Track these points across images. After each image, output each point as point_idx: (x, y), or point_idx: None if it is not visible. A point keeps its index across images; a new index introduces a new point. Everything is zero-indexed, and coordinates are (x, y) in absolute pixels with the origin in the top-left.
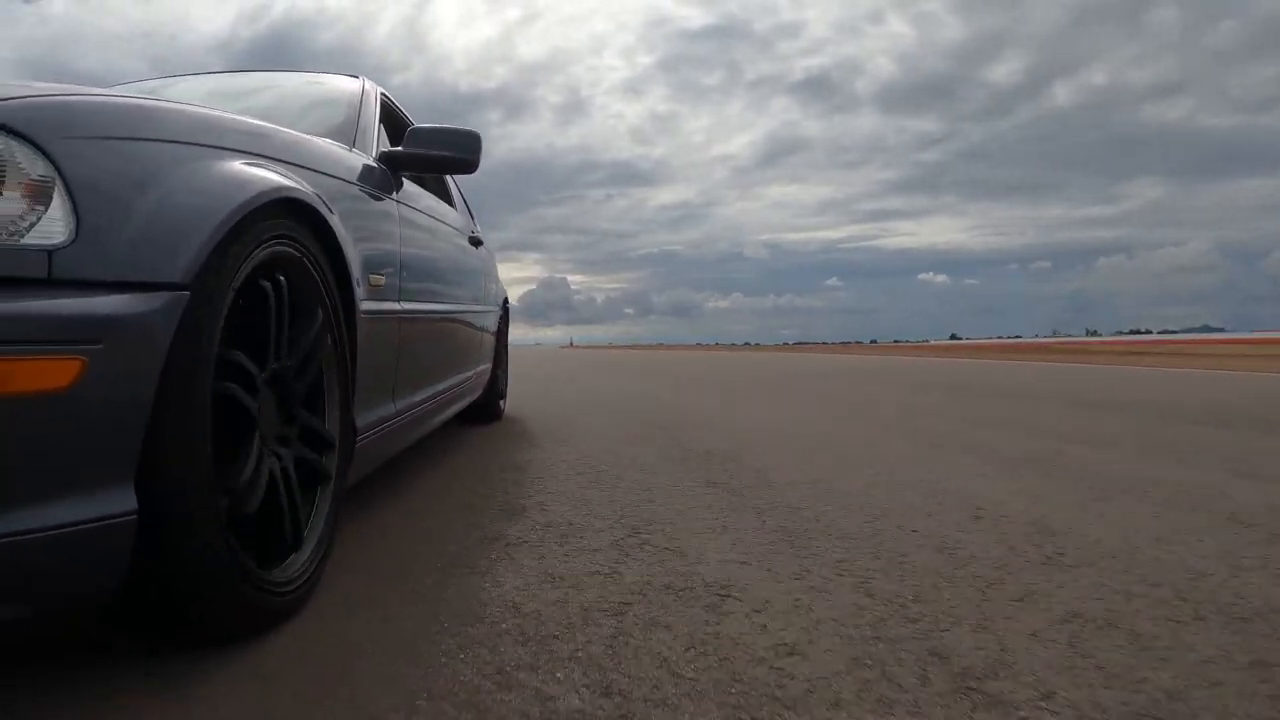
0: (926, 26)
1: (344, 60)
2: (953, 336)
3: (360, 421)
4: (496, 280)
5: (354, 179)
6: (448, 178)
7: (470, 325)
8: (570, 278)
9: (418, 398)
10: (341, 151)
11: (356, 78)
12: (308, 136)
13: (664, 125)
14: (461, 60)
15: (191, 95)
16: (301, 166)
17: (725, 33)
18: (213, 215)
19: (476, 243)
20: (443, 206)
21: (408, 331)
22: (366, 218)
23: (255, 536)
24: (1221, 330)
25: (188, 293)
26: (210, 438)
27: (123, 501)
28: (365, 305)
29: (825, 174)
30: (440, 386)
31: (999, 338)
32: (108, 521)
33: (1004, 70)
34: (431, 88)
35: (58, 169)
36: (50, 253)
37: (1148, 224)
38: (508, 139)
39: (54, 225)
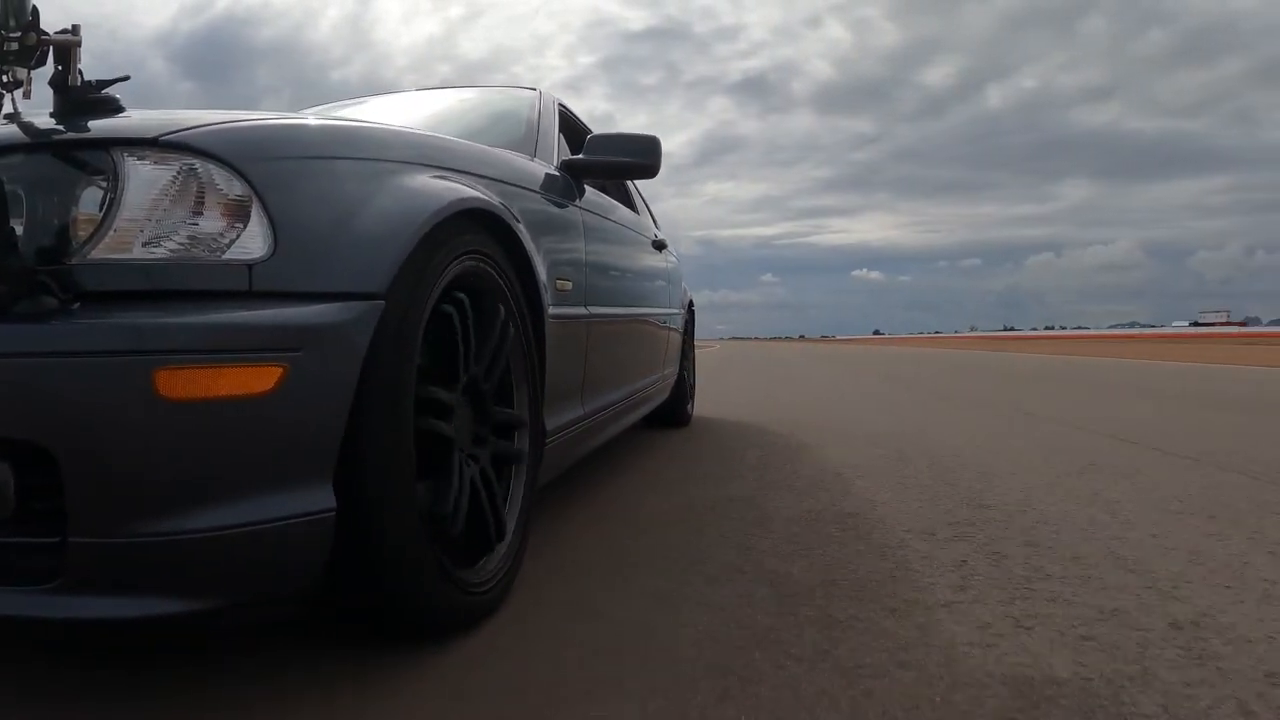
0: (863, 31)
1: (286, 55)
2: (875, 332)
3: (550, 424)
4: (681, 283)
5: (537, 188)
6: (629, 183)
7: (655, 328)
8: None
9: (605, 400)
10: (524, 161)
11: (534, 89)
12: (491, 149)
13: (604, 123)
14: (404, 57)
15: (375, 115)
16: (486, 178)
17: (665, 35)
18: (404, 227)
19: (660, 246)
20: (625, 211)
21: (595, 335)
22: (551, 225)
23: (454, 537)
24: (1151, 327)
25: (383, 302)
26: (410, 441)
27: (322, 499)
28: (553, 310)
29: (761, 172)
30: (627, 389)
31: (922, 333)
32: (307, 518)
33: (938, 74)
34: (372, 85)
35: (254, 188)
36: (250, 266)
37: (1076, 223)
38: None
39: (253, 241)
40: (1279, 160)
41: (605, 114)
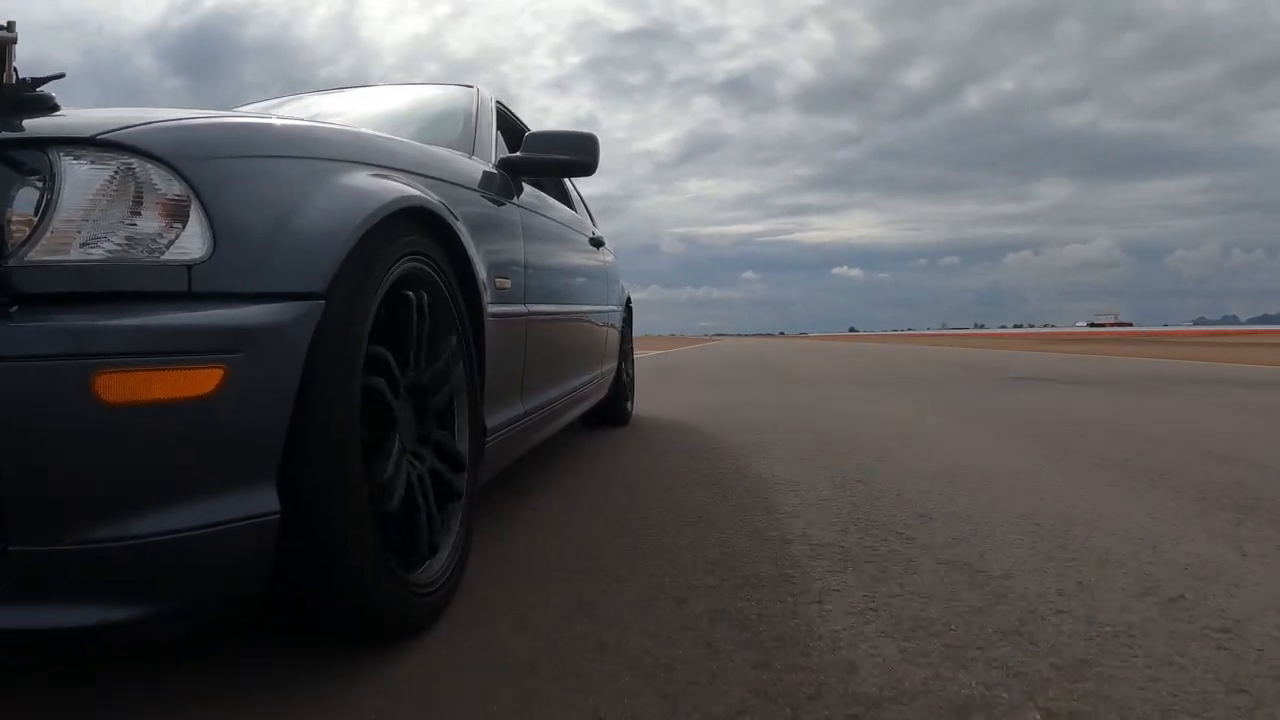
0: (845, 34)
1: (272, 53)
2: (851, 329)
3: (490, 422)
4: (619, 280)
5: (475, 186)
6: (566, 181)
7: (594, 325)
8: None
9: (545, 398)
10: (462, 160)
11: (471, 87)
12: (429, 147)
13: (588, 122)
14: (391, 55)
15: (311, 113)
16: (425, 176)
17: (651, 35)
18: (343, 227)
19: (598, 243)
20: (563, 209)
21: (534, 333)
22: (490, 223)
23: (397, 539)
24: (1129, 325)
25: (323, 302)
26: (357, 442)
27: (266, 502)
28: (492, 309)
29: (743, 170)
30: (566, 386)
31: (895, 331)
32: (252, 521)
33: (918, 75)
34: (360, 82)
35: (192, 188)
36: (189, 267)
37: (1055, 222)
38: None
39: (192, 241)
40: (1254, 161)
41: (590, 113)
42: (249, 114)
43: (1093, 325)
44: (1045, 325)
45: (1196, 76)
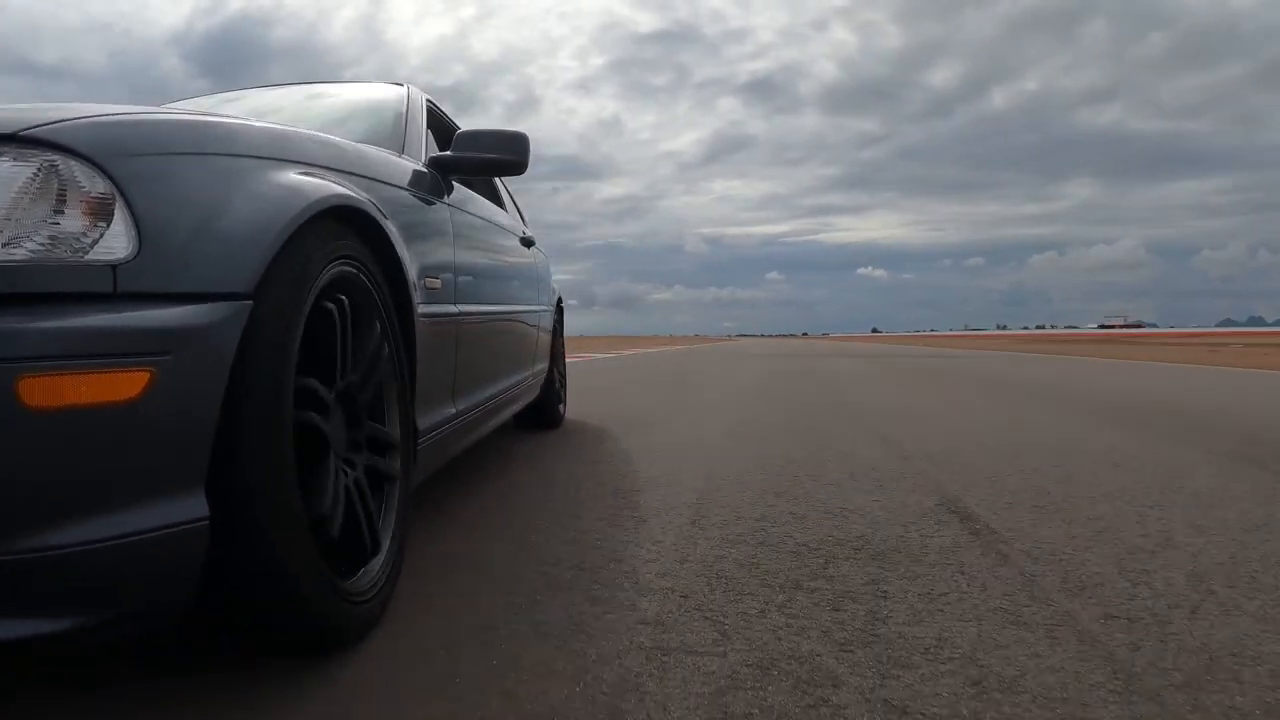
0: (868, 34)
1: (297, 55)
2: (874, 330)
3: (422, 424)
4: (550, 280)
5: (406, 184)
6: (497, 180)
7: (526, 325)
8: None
9: (477, 398)
10: (392, 158)
11: (401, 85)
12: (358, 145)
13: (613, 123)
14: (416, 57)
15: (241, 110)
16: (354, 174)
17: (675, 37)
18: (271, 225)
19: (528, 243)
20: (493, 208)
21: (465, 333)
22: (420, 222)
23: (331, 545)
24: (1155, 326)
25: (251, 301)
26: (289, 445)
27: (195, 508)
28: (422, 309)
29: (768, 170)
30: (499, 387)
31: (917, 332)
32: (180, 527)
33: (942, 75)
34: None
35: (117, 186)
36: (114, 267)
37: (1080, 222)
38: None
39: (116, 240)
40: None
41: (614, 114)
42: (178, 110)
43: (1103, 327)
44: (1067, 326)
45: (1223, 75)
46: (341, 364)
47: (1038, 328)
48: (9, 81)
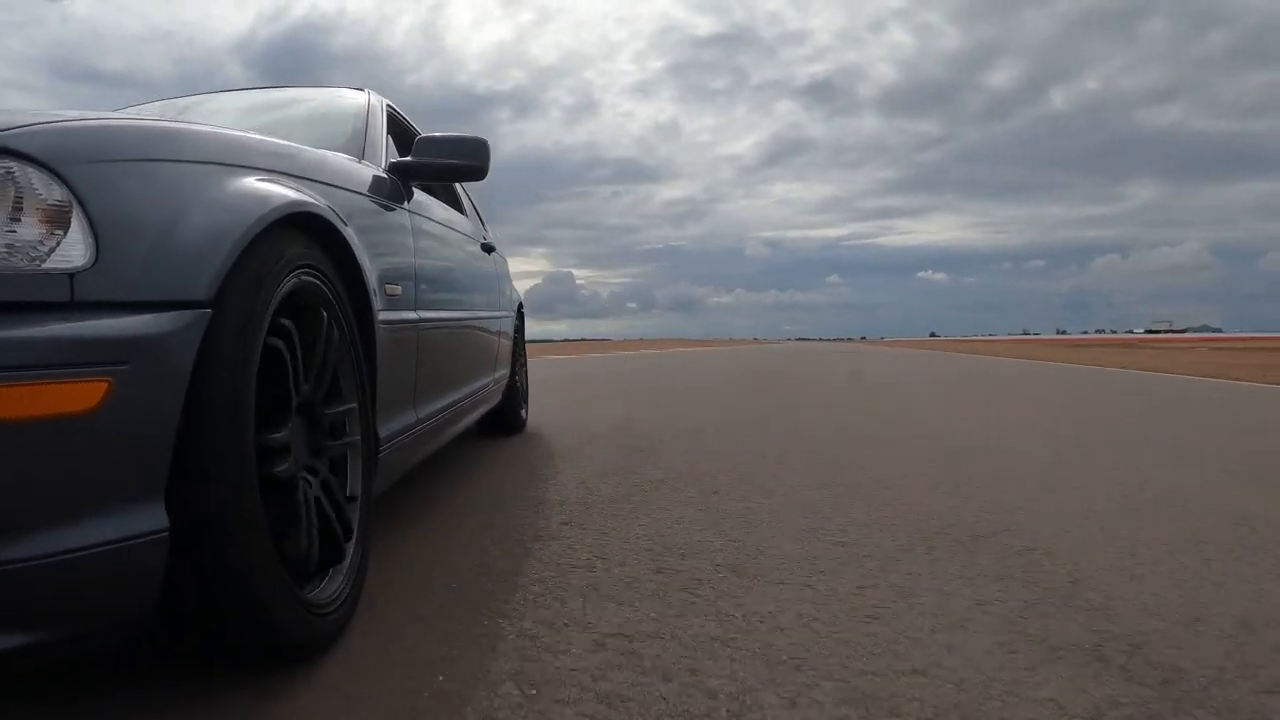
0: (926, 36)
1: (358, 61)
2: (931, 334)
3: (383, 432)
4: (511, 285)
5: (365, 190)
6: (457, 186)
7: (486, 331)
8: (575, 272)
9: (438, 405)
10: (352, 164)
11: (362, 90)
12: (318, 151)
13: (672, 126)
14: (475, 62)
15: (200, 114)
16: (314, 181)
17: (732, 40)
18: (229, 232)
19: (489, 249)
20: (454, 214)
21: (426, 340)
22: (380, 228)
23: (293, 556)
24: (1218, 330)
25: (210, 310)
26: (251, 455)
27: (154, 519)
28: (383, 315)
29: (827, 173)
30: (460, 393)
31: (976, 336)
32: (139, 540)
33: (1001, 76)
34: (445, 88)
35: (74, 193)
36: (71, 275)
37: (1143, 224)
38: (516, 136)
39: (74, 248)
40: None
41: (672, 117)
42: (137, 116)
43: (1150, 332)
44: (1127, 331)
45: None
46: (301, 372)
47: (1097, 332)
48: (76, 89)
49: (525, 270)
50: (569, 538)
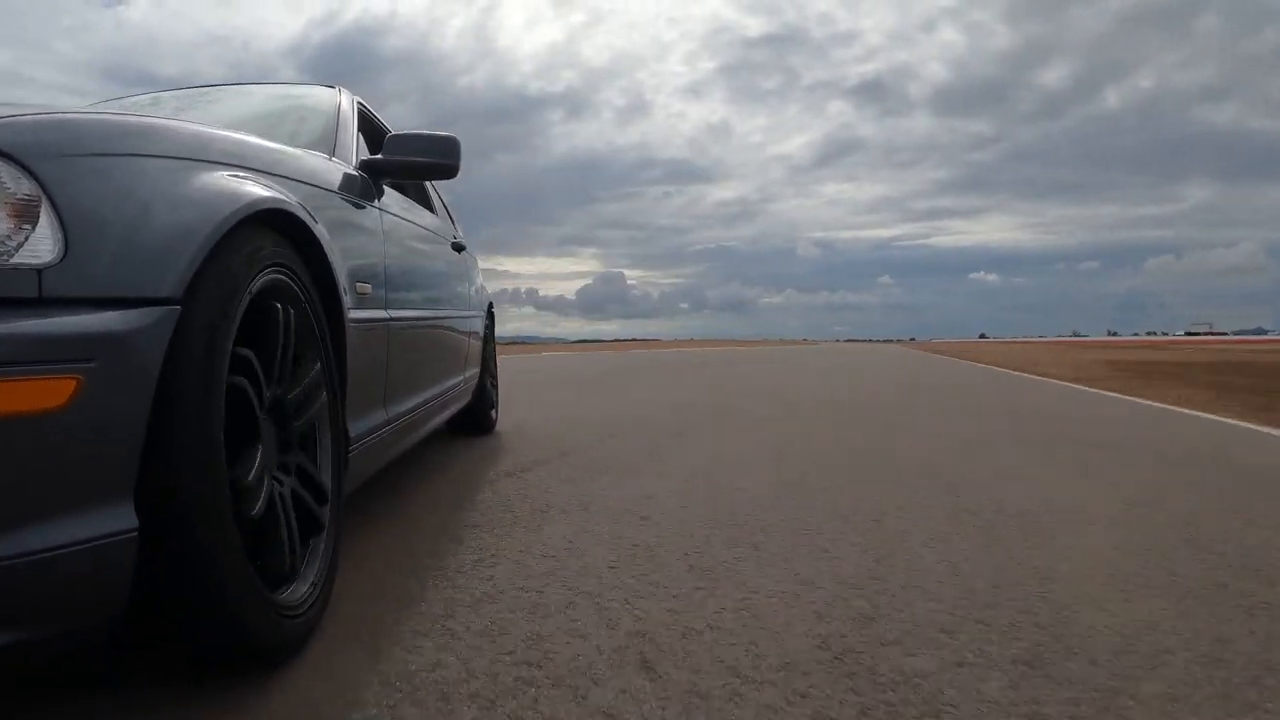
0: (977, 34)
1: (410, 64)
2: (981, 335)
3: (353, 431)
4: (480, 285)
5: (336, 188)
6: (428, 184)
7: (456, 331)
8: (626, 272)
9: (409, 404)
10: (322, 161)
11: (333, 87)
12: (289, 148)
13: (723, 126)
14: (528, 64)
15: (172, 110)
16: (284, 177)
17: (783, 40)
18: (199, 228)
19: (459, 248)
20: (425, 213)
21: (396, 339)
22: (350, 226)
23: (263, 557)
24: (1268, 332)
25: (179, 307)
26: (221, 454)
27: (123, 519)
28: (353, 314)
29: (879, 173)
30: (430, 393)
31: (1025, 338)
32: (108, 539)
33: (1054, 75)
34: (497, 90)
35: (43, 187)
36: (40, 271)
37: (1198, 225)
38: (568, 137)
39: (42, 244)
40: None
41: (723, 118)
42: (108, 110)
43: (1188, 333)
44: (1164, 333)
45: None
46: (272, 370)
47: (1148, 334)
48: (129, 93)
49: (576, 270)
50: None
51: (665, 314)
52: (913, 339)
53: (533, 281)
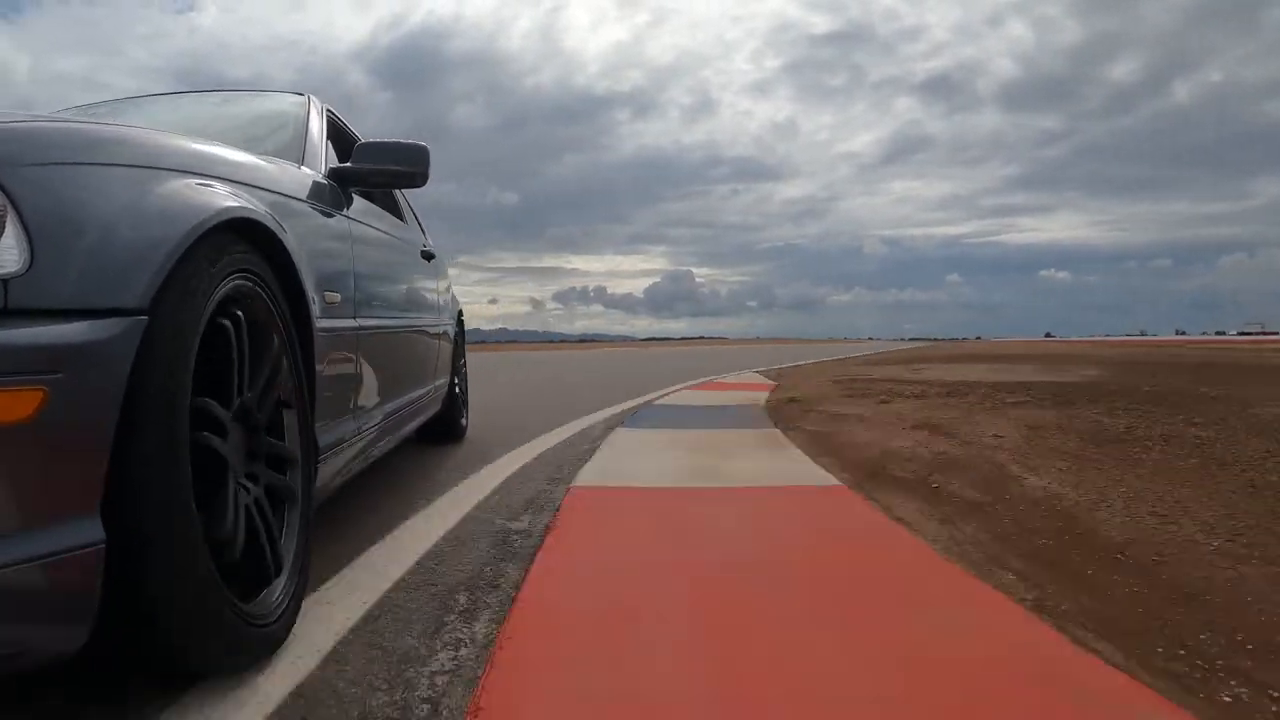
0: (1045, 29)
1: (477, 65)
2: (1046, 335)
3: (322, 440)
4: (450, 293)
5: (305, 196)
6: (397, 192)
7: (426, 339)
8: (695, 270)
9: (378, 413)
10: (291, 169)
11: (302, 95)
12: (258, 156)
13: (790, 124)
14: (594, 64)
15: (140, 117)
16: (253, 186)
17: (849, 37)
18: (166, 238)
19: (429, 256)
20: (394, 221)
21: (364, 347)
22: (319, 235)
23: (232, 568)
24: (1277, 334)
25: (146, 317)
26: (187, 464)
27: (90, 532)
28: (321, 323)
29: (947, 170)
30: (400, 401)
31: (1092, 336)
32: (75, 553)
33: (1122, 69)
34: (564, 91)
35: (9, 196)
36: (5, 282)
37: (1272, 222)
38: (635, 136)
39: (7, 254)
40: None
41: (789, 116)
42: (74, 118)
43: (1242, 333)
44: (1218, 333)
45: None
46: (239, 380)
47: (1217, 333)
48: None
49: (644, 268)
50: None
51: (733, 312)
52: (978, 337)
53: (601, 279)
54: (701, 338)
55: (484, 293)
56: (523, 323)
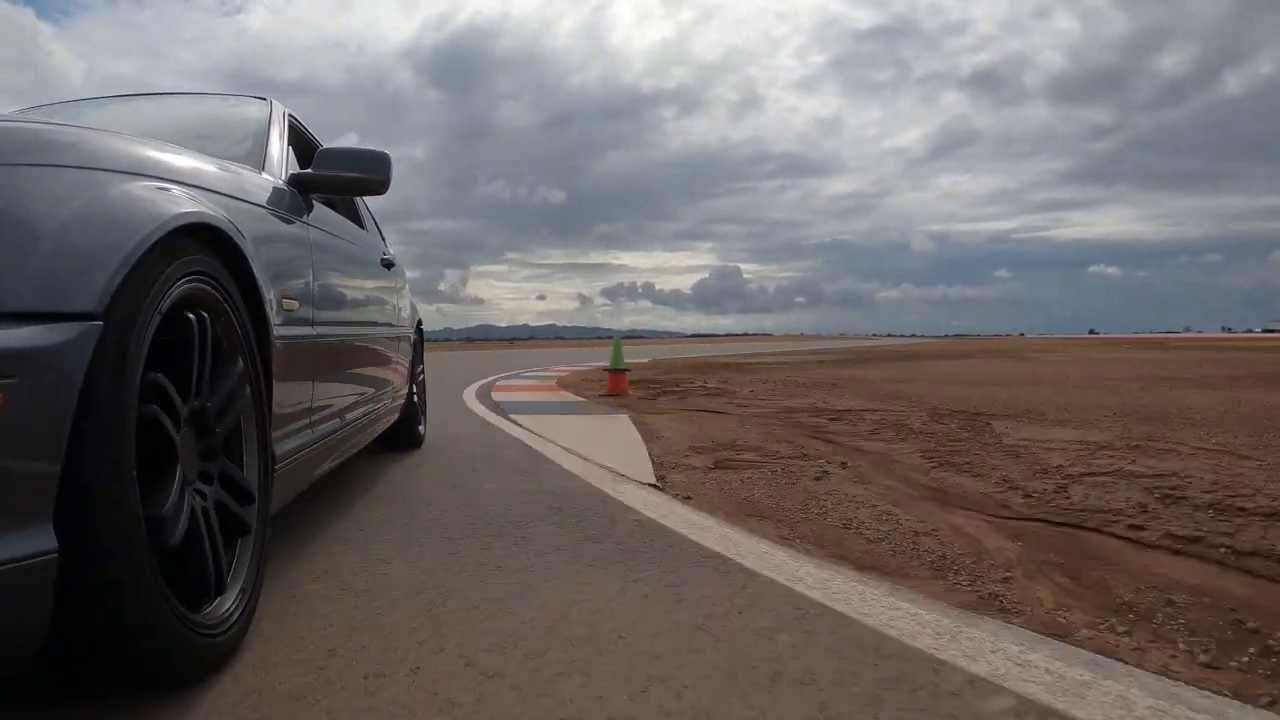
0: (1091, 21)
1: (524, 64)
2: (1091, 331)
3: (279, 450)
4: (410, 301)
5: (264, 202)
6: (357, 200)
7: (384, 347)
8: (742, 266)
9: (337, 422)
10: (251, 174)
11: (264, 99)
12: (217, 160)
13: (836, 120)
14: (639, 61)
15: (99, 119)
16: (211, 190)
17: (894, 32)
18: (122, 242)
19: (389, 264)
20: (354, 228)
21: (323, 355)
22: (278, 241)
23: (182, 577)
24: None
25: (101, 322)
26: (133, 471)
27: (42, 540)
28: (279, 330)
29: (996, 164)
30: (358, 410)
31: (1139, 334)
32: (26, 562)
33: (1171, 61)
34: (610, 88)
35: None
36: None
37: None
38: (682, 133)
39: None
40: None
41: (835, 112)
42: (27, 118)
43: (1267, 330)
44: (1246, 330)
45: None
46: (194, 387)
47: (1263, 331)
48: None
49: (690, 265)
50: None
51: (781, 308)
52: (1021, 334)
53: (649, 276)
54: (746, 334)
55: (532, 289)
56: (571, 319)
